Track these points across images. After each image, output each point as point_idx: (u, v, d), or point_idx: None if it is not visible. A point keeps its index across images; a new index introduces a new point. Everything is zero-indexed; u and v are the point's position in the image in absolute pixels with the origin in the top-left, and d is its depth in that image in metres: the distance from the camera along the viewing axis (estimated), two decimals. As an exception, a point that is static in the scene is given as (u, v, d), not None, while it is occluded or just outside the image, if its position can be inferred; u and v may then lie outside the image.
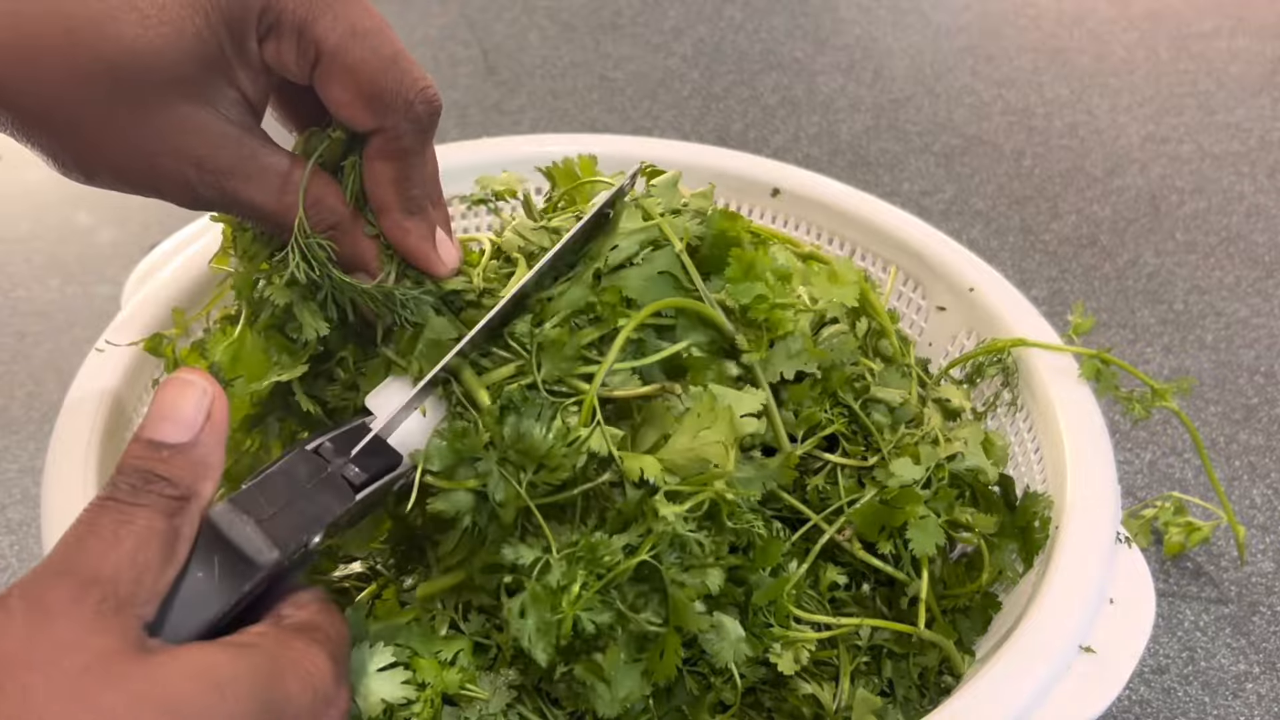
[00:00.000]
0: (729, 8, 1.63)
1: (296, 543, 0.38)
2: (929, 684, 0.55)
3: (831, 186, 0.78)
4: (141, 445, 0.36)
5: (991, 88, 1.42)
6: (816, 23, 1.59)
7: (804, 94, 1.41)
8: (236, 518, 0.37)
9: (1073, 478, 0.55)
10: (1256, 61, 1.48)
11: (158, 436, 0.36)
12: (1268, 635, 0.75)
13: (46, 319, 1.01)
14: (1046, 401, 0.60)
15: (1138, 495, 0.84)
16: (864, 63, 1.49)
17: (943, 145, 1.30)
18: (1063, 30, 1.56)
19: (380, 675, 0.46)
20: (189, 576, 0.36)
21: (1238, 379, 0.96)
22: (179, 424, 0.36)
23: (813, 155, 1.28)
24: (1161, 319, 1.03)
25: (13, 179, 1.21)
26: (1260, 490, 0.85)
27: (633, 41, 1.53)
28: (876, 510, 0.53)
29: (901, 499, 0.53)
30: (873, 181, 1.24)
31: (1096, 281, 1.08)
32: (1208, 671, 0.73)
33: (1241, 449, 0.89)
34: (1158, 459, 0.87)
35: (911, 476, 0.53)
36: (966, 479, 0.56)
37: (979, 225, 1.16)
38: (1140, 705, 0.70)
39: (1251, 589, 0.78)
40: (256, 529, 0.37)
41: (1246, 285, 1.07)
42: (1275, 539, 0.81)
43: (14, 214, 1.15)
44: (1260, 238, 1.14)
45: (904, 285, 0.75)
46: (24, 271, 1.07)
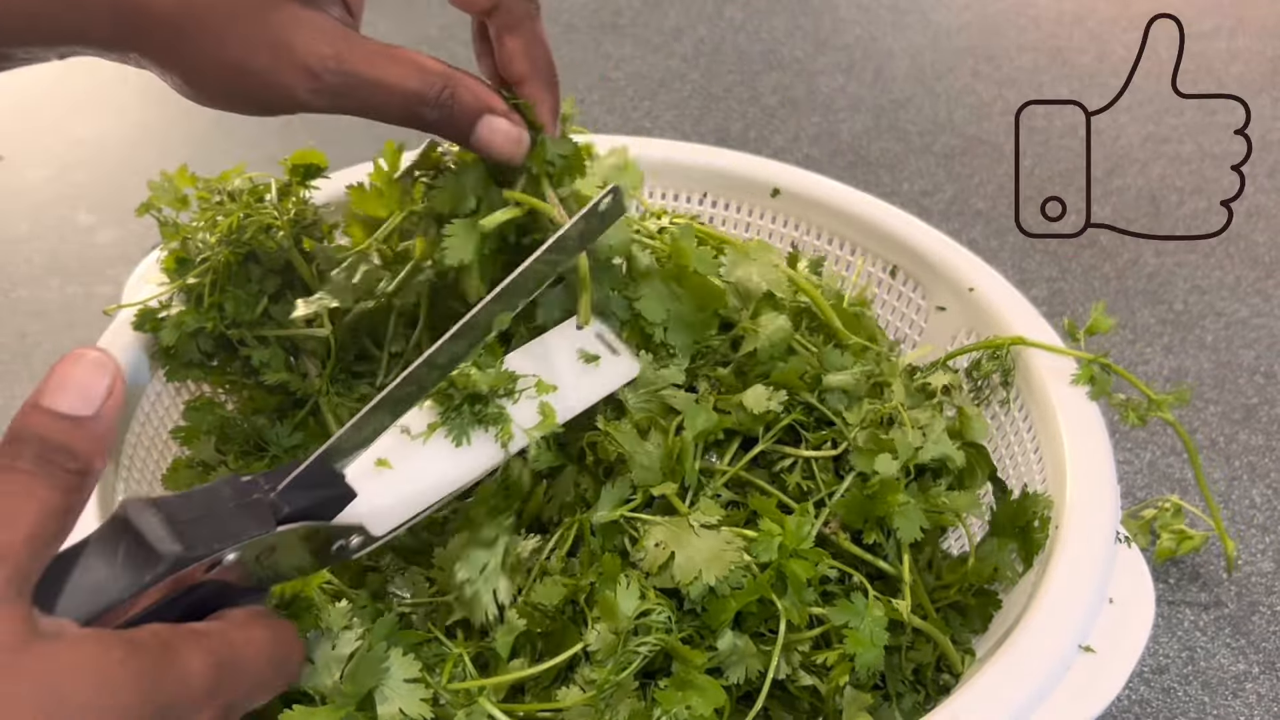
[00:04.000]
0: (729, 8, 1.63)
1: (205, 548, 0.37)
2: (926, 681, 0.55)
3: (831, 186, 0.78)
4: (41, 413, 0.34)
5: (991, 88, 1.42)
6: (816, 23, 1.59)
7: (804, 94, 1.41)
8: (146, 510, 0.36)
9: (1072, 477, 0.55)
10: (1256, 61, 1.48)
11: (60, 407, 0.34)
12: (1267, 635, 0.75)
13: (46, 319, 1.01)
14: (1046, 401, 0.60)
15: (1137, 495, 0.84)
16: (864, 63, 1.49)
17: (943, 145, 1.30)
18: (1063, 30, 1.56)
19: (405, 685, 0.46)
20: (88, 560, 0.35)
21: (1238, 379, 0.96)
22: (83, 397, 0.34)
23: (813, 155, 1.28)
24: (1161, 319, 1.03)
25: (13, 179, 1.21)
26: (1260, 490, 0.85)
27: (633, 41, 1.53)
28: (861, 502, 0.53)
29: (882, 490, 0.53)
30: (873, 181, 1.24)
31: (1096, 281, 1.08)
32: (1207, 671, 0.72)
33: (1241, 449, 0.89)
34: (1157, 459, 0.87)
35: (890, 471, 0.53)
36: (933, 467, 0.56)
37: (979, 225, 1.16)
38: (1140, 705, 0.70)
39: (1251, 589, 0.78)
40: (164, 523, 0.36)
41: (1246, 285, 1.07)
42: (1275, 539, 0.81)
43: (14, 214, 1.15)
44: (1260, 238, 1.14)
45: (904, 285, 0.75)
46: (24, 271, 1.07)
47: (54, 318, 1.02)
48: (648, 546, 0.51)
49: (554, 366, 0.55)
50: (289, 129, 1.30)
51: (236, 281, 0.64)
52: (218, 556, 0.38)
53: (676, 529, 0.52)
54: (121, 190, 1.19)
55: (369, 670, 0.45)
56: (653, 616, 0.49)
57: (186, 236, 0.65)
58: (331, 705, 0.44)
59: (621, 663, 0.48)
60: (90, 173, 1.23)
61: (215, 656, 0.35)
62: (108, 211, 1.15)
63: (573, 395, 0.55)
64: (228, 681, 0.35)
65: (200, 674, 0.34)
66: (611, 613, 0.49)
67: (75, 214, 1.15)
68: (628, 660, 0.48)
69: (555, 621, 0.51)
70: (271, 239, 0.64)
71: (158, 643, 0.34)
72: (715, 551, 0.50)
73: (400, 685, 0.46)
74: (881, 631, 0.50)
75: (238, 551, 0.38)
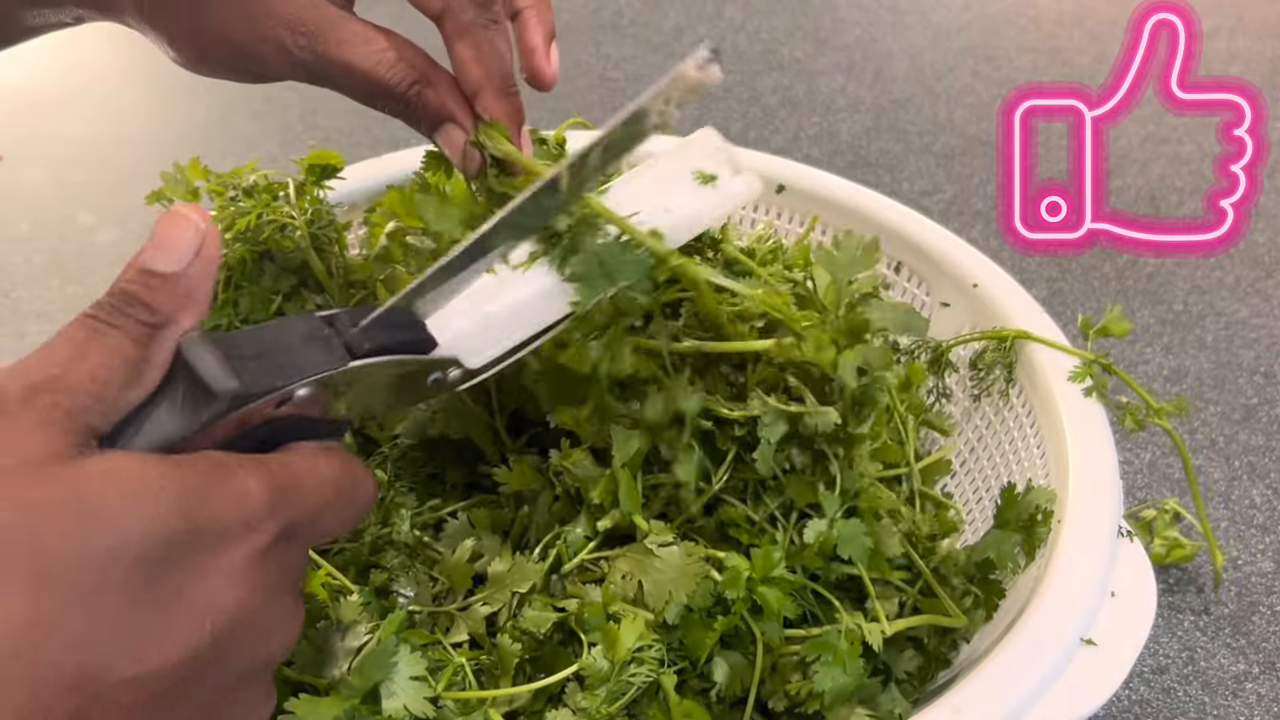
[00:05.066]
0: (729, 8, 1.63)
1: (267, 383, 0.36)
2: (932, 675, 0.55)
3: (836, 183, 0.78)
4: (134, 271, 0.36)
5: (991, 88, 1.42)
6: (816, 23, 1.59)
7: (804, 94, 1.42)
8: (204, 347, 0.36)
9: (1075, 471, 0.56)
10: (1256, 61, 1.48)
11: (149, 265, 0.36)
12: (1267, 635, 0.75)
13: (46, 319, 1.01)
14: (1049, 394, 0.60)
15: (1137, 495, 0.84)
16: (864, 63, 1.49)
17: (943, 145, 1.31)
18: (1063, 30, 1.56)
19: (411, 682, 0.46)
20: (151, 402, 0.35)
21: (1237, 379, 0.96)
22: (170, 253, 0.36)
23: (813, 156, 1.28)
24: (1161, 319, 1.03)
25: (13, 179, 1.21)
26: (1260, 490, 0.85)
27: (633, 41, 1.53)
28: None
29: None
30: (873, 182, 1.23)
31: (1096, 281, 1.08)
32: (1207, 671, 0.72)
33: (1241, 449, 0.89)
34: (1157, 459, 0.87)
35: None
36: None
37: (979, 225, 1.16)
38: (1140, 705, 0.70)
39: (1251, 589, 0.78)
40: (221, 360, 0.36)
41: (1246, 285, 1.07)
42: (1275, 539, 0.81)
43: (14, 214, 1.15)
44: (1260, 238, 1.14)
45: (908, 281, 0.75)
46: (24, 271, 1.07)
47: (54, 318, 1.02)
48: (616, 580, 0.52)
49: (669, 189, 0.52)
50: (289, 130, 1.30)
51: (251, 279, 0.64)
52: (287, 392, 0.37)
53: (638, 556, 0.52)
54: (121, 190, 1.19)
55: (377, 664, 0.45)
56: (648, 651, 0.49)
57: None
58: (337, 696, 0.44)
59: (615, 692, 0.48)
60: (90, 173, 1.23)
61: (273, 480, 0.35)
62: (108, 211, 1.15)
63: (689, 222, 0.52)
64: (286, 502, 0.35)
65: (253, 493, 0.34)
66: (613, 644, 0.49)
67: (75, 214, 1.15)
68: (622, 690, 0.48)
69: (545, 646, 0.52)
70: (288, 238, 0.64)
71: (209, 464, 0.34)
72: (679, 569, 0.51)
73: (406, 682, 0.46)
74: (855, 660, 0.49)
75: (308, 387, 0.38)
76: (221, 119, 1.34)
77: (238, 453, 0.36)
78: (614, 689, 0.48)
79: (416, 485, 0.61)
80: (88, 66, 1.43)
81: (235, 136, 1.29)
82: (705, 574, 0.50)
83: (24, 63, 1.45)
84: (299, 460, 0.37)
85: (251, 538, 0.34)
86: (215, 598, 0.33)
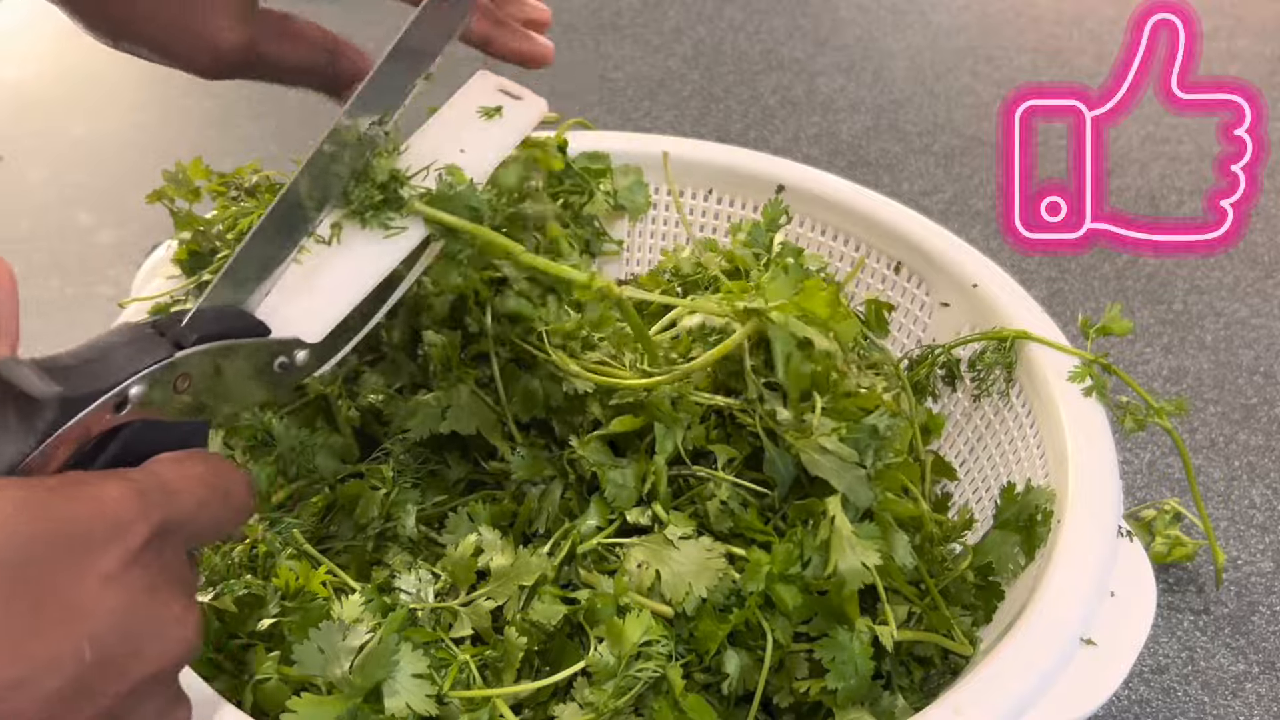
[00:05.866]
0: (729, 8, 1.63)
1: (91, 385, 0.36)
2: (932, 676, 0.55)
3: (836, 183, 0.78)
4: None
5: (991, 88, 1.42)
6: (816, 23, 1.59)
7: (804, 94, 1.42)
8: (21, 365, 0.36)
9: (1074, 471, 0.56)
10: (1256, 61, 1.48)
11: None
12: (1267, 635, 0.75)
13: (46, 319, 1.01)
14: (1048, 394, 0.60)
15: (1137, 496, 0.84)
16: (864, 63, 1.49)
17: (943, 145, 1.31)
18: (1062, 30, 1.56)
19: (413, 680, 0.46)
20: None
21: (1237, 379, 0.96)
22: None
23: (813, 156, 1.28)
24: (1161, 319, 1.03)
25: (13, 179, 1.21)
26: (1260, 490, 0.85)
27: (633, 42, 1.53)
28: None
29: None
30: (873, 182, 1.23)
31: (1096, 281, 1.08)
32: (1207, 671, 0.72)
33: (1241, 449, 0.89)
34: (1157, 459, 0.87)
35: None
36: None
37: (979, 225, 1.16)
38: (1140, 705, 0.70)
39: (1251, 589, 0.78)
40: (40, 372, 0.36)
41: (1246, 285, 1.07)
42: (1275, 539, 0.81)
43: (14, 214, 1.15)
44: (1260, 238, 1.14)
45: (908, 281, 0.75)
46: (24, 271, 1.06)
47: (54, 318, 1.02)
48: (630, 569, 0.52)
49: (458, 134, 0.54)
50: (288, 130, 1.30)
51: None
52: (121, 393, 0.37)
53: (656, 546, 0.52)
54: (121, 190, 1.19)
55: (379, 663, 0.45)
56: (655, 646, 0.49)
57: (200, 229, 0.65)
58: (339, 696, 0.44)
59: (622, 687, 0.48)
60: (90, 173, 1.23)
61: (136, 484, 0.35)
62: (108, 211, 1.15)
63: (486, 152, 0.54)
64: (154, 503, 0.35)
65: (115, 497, 0.34)
66: (618, 638, 0.49)
67: (75, 214, 1.15)
68: (628, 685, 0.48)
69: (553, 640, 0.52)
70: None
71: (61, 478, 0.34)
72: (699, 562, 0.51)
73: (408, 680, 0.46)
74: (867, 662, 0.50)
75: (140, 385, 0.38)
76: (221, 119, 1.34)
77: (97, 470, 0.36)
78: (621, 684, 0.48)
79: (419, 481, 0.61)
80: (88, 66, 1.43)
81: (235, 136, 1.29)
82: (725, 569, 0.50)
83: (24, 63, 1.45)
84: (163, 465, 0.38)
85: (122, 539, 0.34)
86: (90, 599, 0.33)
